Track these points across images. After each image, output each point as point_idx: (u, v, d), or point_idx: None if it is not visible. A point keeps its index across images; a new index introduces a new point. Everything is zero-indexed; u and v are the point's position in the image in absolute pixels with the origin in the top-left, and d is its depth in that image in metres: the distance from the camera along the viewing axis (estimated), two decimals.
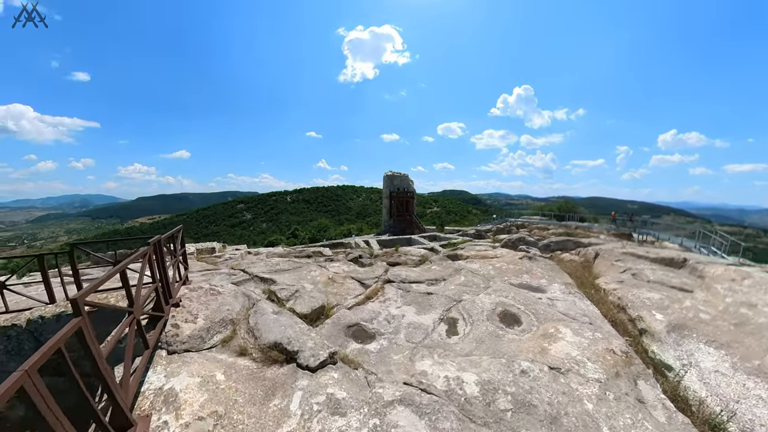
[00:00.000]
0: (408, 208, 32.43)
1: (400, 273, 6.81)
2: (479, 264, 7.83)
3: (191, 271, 7.42)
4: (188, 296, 4.33)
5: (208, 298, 4.36)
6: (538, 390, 3.12)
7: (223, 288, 4.85)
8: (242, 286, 5.85)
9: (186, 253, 5.49)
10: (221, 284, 5.17)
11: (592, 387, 3.43)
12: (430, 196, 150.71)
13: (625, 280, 7.11)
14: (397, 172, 35.25)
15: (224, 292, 4.68)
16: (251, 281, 6.09)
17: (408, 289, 5.97)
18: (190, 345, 3.44)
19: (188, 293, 4.42)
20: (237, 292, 4.89)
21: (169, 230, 5.03)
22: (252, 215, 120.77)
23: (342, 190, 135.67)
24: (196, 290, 4.54)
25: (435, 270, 7.31)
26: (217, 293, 4.61)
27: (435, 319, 4.67)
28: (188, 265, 5.63)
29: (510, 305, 5.43)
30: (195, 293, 4.43)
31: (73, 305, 2.05)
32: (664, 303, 5.61)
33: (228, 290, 4.83)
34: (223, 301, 4.40)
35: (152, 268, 3.48)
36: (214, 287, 4.74)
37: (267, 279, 5.93)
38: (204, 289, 4.60)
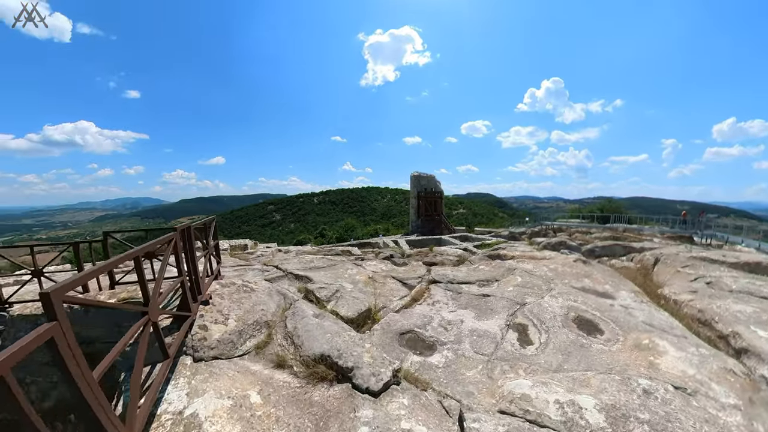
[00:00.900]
0: (436, 208, 31.44)
1: (445, 273, 6.12)
2: (532, 264, 6.93)
3: (223, 266, 7.24)
4: (219, 293, 3.96)
5: (241, 296, 3.96)
6: (676, 417, 2.34)
7: (256, 285, 4.47)
8: (276, 284, 5.48)
9: (219, 246, 5.20)
10: (254, 280, 4.80)
11: (734, 415, 2.59)
12: (456, 198, 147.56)
13: (698, 289, 5.95)
14: (424, 172, 34.38)
15: (258, 289, 4.28)
16: (285, 278, 5.71)
17: (458, 290, 5.27)
18: (219, 351, 3.00)
19: (219, 289, 4.06)
20: (272, 289, 4.48)
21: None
22: (281, 216, 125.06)
23: (367, 191, 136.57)
24: (228, 286, 4.17)
25: (484, 270, 6.53)
26: (250, 290, 4.22)
27: (501, 325, 3.95)
28: (221, 260, 5.34)
29: (583, 311, 4.57)
30: (227, 290, 4.06)
31: (45, 303, 1.39)
32: (762, 317, 4.52)
33: (262, 287, 4.44)
34: (257, 299, 3.98)
35: (178, 260, 3.07)
36: (247, 283, 4.37)
37: (302, 276, 5.51)
38: (236, 285, 4.22)
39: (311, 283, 5.16)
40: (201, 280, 3.61)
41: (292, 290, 5.10)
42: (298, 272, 5.83)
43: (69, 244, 5.08)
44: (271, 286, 4.71)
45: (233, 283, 4.45)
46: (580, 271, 6.61)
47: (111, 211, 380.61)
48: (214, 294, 3.92)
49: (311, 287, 4.86)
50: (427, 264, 9.60)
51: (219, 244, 5.23)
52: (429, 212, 31.05)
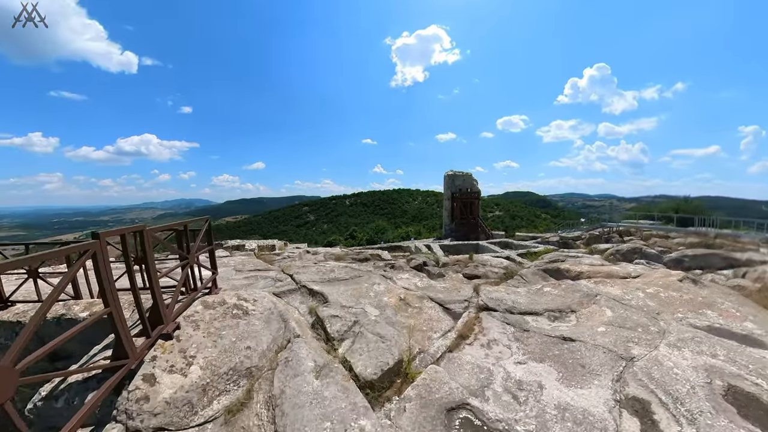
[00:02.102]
0: (472, 211, 29.23)
1: (500, 296, 4.66)
2: (619, 288, 5.17)
3: (239, 271, 6.42)
4: (196, 318, 2.99)
5: (226, 323, 2.96)
6: None
7: (254, 304, 3.46)
8: (285, 299, 4.46)
9: (214, 252, 4.29)
10: (256, 296, 3.82)
11: None
12: (491, 198, 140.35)
13: None
14: (459, 171, 32.30)
15: (254, 311, 3.27)
16: (297, 293, 4.68)
17: (521, 325, 3.80)
18: (167, 418, 1.96)
19: (200, 312, 3.09)
20: (272, 312, 3.44)
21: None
22: (315, 217, 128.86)
23: (398, 193, 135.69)
24: (214, 307, 3.20)
25: (551, 294, 4.94)
26: (243, 314, 3.21)
27: (605, 399, 2.47)
28: (217, 269, 4.41)
29: (734, 374, 2.89)
30: (210, 312, 3.08)
31: None
32: None
33: (261, 309, 3.42)
34: (247, 329, 2.95)
35: (99, 278, 2.08)
36: (241, 303, 3.38)
37: (317, 293, 4.42)
38: (227, 305, 3.25)
39: (325, 305, 4.02)
40: (162, 306, 2.63)
41: (302, 310, 4.02)
42: (314, 286, 4.76)
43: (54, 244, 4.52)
44: (274, 306, 3.67)
45: (224, 302, 3.47)
46: (693, 296, 4.73)
47: (169, 210, 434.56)
48: (187, 321, 2.95)
49: (323, 312, 3.71)
50: (468, 277, 8.11)
51: (214, 250, 4.31)
52: (464, 215, 28.99)
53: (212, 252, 4.25)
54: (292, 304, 4.32)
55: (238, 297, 3.61)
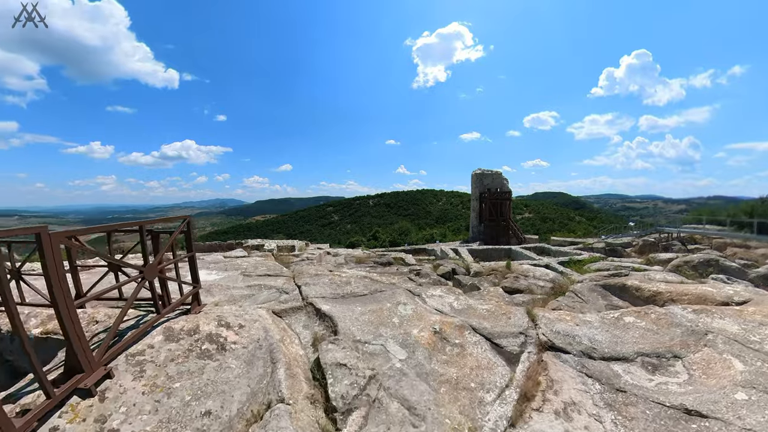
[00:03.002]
0: (502, 212, 27.26)
1: (566, 328, 3.44)
2: (735, 322, 3.74)
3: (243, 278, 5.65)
4: (145, 358, 2.15)
5: (186, 366, 2.10)
6: None
7: (239, 333, 2.60)
8: (286, 320, 3.58)
9: (194, 259, 3.48)
10: (246, 319, 2.97)
11: None
12: (520, 199, 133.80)
13: None
14: (488, 169, 30.37)
15: (234, 347, 2.40)
16: (303, 311, 3.80)
17: (611, 380, 2.62)
18: None
19: (156, 347, 2.25)
20: (260, 345, 2.56)
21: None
22: (339, 217, 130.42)
23: (421, 194, 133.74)
24: (179, 338, 2.35)
25: (636, 326, 3.63)
26: (216, 350, 2.35)
27: None
28: (199, 281, 3.60)
29: None
30: (170, 347, 2.24)
31: None
32: None
33: (245, 340, 2.54)
34: (214, 379, 2.07)
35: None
36: (220, 331, 2.52)
37: (325, 315, 3.50)
38: (198, 335, 2.40)
39: (333, 338, 3.06)
40: (79, 343, 1.78)
41: (304, 339, 3.11)
42: (323, 305, 3.85)
43: None
44: (265, 335, 2.79)
45: (196, 329, 2.63)
46: None
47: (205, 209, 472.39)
48: (131, 362, 2.11)
49: (327, 356, 2.67)
50: (508, 291, 6.85)
51: (194, 259, 3.50)
52: (493, 216, 27.10)
53: (192, 260, 3.46)
54: (293, 328, 3.44)
55: (219, 321, 2.77)
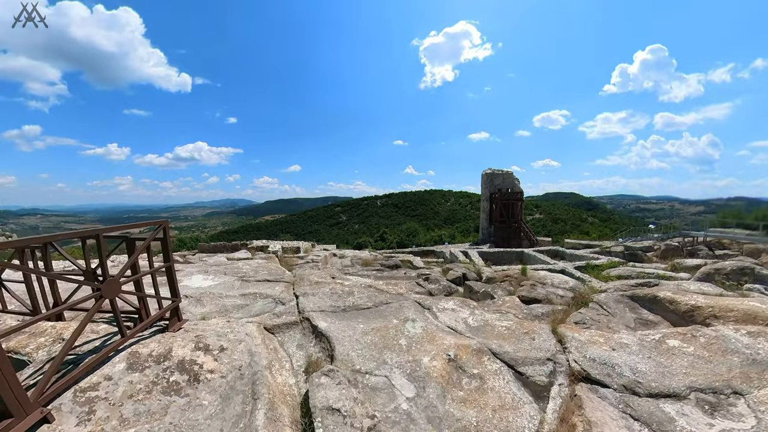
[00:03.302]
0: (514, 213, 26.47)
1: (601, 353, 2.92)
2: None
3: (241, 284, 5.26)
4: (98, 394, 1.76)
5: (147, 405, 1.71)
6: None
7: (219, 358, 2.21)
8: (278, 337, 3.19)
9: (172, 270, 3.10)
10: (230, 339, 2.59)
11: None
12: (530, 200, 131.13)
13: None
14: (498, 169, 29.58)
15: (210, 377, 2.00)
16: (297, 327, 3.39)
17: (662, 426, 2.13)
18: None
19: (116, 378, 1.87)
20: (242, 374, 2.16)
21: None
22: (347, 217, 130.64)
23: (429, 194, 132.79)
24: (145, 367, 1.98)
25: (682, 352, 3.10)
26: (187, 382, 1.96)
27: None
28: (178, 295, 3.22)
29: None
30: (132, 378, 1.87)
31: None
32: None
33: (225, 368, 2.15)
34: (177, 419, 1.68)
35: None
36: (196, 357, 2.15)
37: (322, 334, 3.08)
38: (168, 362, 2.01)
39: (328, 369, 2.59)
40: (6, 382, 1.40)
41: (296, 363, 2.71)
42: (321, 321, 3.44)
43: None
44: (249, 361, 2.38)
45: (168, 354, 2.25)
46: None
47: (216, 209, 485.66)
48: (78, 400, 1.73)
49: (318, 395, 2.16)
50: (524, 300, 6.32)
51: (172, 269, 3.12)
52: (504, 218, 26.34)
53: (170, 271, 3.08)
54: (286, 348, 3.04)
55: (197, 343, 2.39)
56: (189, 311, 4.20)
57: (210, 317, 4.02)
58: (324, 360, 2.72)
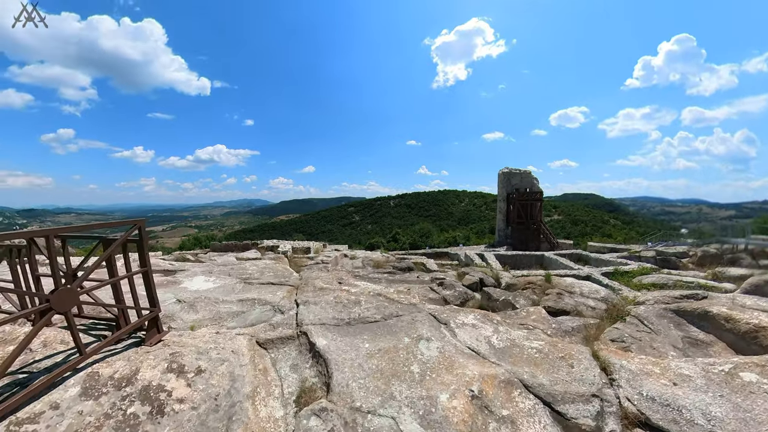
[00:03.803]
0: (532, 214, 25.36)
1: (661, 391, 2.30)
2: None
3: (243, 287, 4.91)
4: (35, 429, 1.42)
5: None
6: None
7: (193, 383, 1.85)
8: (271, 353, 2.80)
9: (150, 276, 2.75)
10: (211, 357, 2.24)
11: None
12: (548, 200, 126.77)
13: None
14: (516, 168, 28.48)
15: (178, 408, 1.64)
16: (293, 343, 2.99)
17: None
18: None
19: (63, 407, 1.52)
20: (217, 405, 1.79)
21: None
22: (360, 217, 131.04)
23: (443, 194, 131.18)
24: (101, 394, 1.62)
25: (762, 388, 2.51)
26: (148, 415, 1.60)
27: None
28: (157, 304, 2.87)
29: None
30: (82, 408, 1.51)
31: None
32: None
33: (198, 396, 1.79)
34: None
35: None
36: (165, 382, 1.79)
37: (319, 354, 2.65)
38: (130, 388, 1.66)
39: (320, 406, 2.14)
40: None
41: (287, 389, 2.30)
42: (319, 337, 3.02)
43: None
44: (229, 386, 2.00)
45: (131, 378, 1.88)
46: None
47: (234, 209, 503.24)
48: None
49: None
50: (551, 312, 5.69)
51: (149, 275, 2.77)
52: (522, 219, 25.29)
53: (147, 277, 2.74)
54: (278, 367, 2.63)
55: (172, 362, 2.03)
56: (180, 318, 3.91)
57: (201, 326, 3.69)
58: (320, 388, 2.30)
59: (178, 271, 8.03)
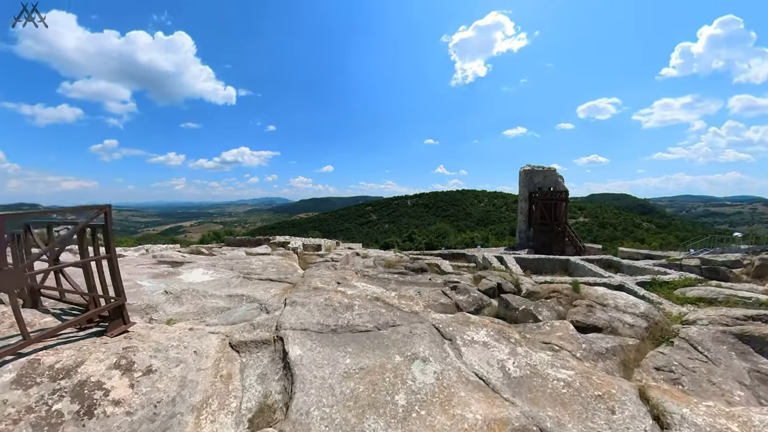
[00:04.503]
0: (557, 215, 23.79)
1: None
2: None
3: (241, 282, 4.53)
4: None
5: None
6: None
7: (140, 381, 1.48)
8: (243, 357, 2.37)
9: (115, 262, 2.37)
10: (169, 356, 1.86)
11: None
12: (573, 201, 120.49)
13: None
14: (539, 165, 26.77)
15: (109, 410, 1.28)
16: (268, 349, 2.52)
17: None
18: None
19: None
20: (153, 414, 1.41)
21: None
22: (377, 216, 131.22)
23: (461, 194, 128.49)
24: (34, 383, 1.30)
25: None
26: (75, 414, 1.25)
27: None
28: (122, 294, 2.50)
29: None
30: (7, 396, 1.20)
31: None
32: None
33: (136, 401, 1.41)
34: None
35: None
36: (108, 378, 1.44)
37: (289, 366, 2.19)
38: (66, 383, 1.33)
39: (275, 429, 1.70)
40: None
41: (250, 399, 1.86)
42: (295, 345, 2.52)
43: None
44: (173, 395, 1.59)
45: (73, 369, 1.53)
46: None
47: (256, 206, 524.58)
48: None
49: None
50: (580, 327, 4.92)
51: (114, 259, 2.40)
52: (546, 220, 23.82)
53: (111, 263, 2.37)
54: (245, 375, 2.19)
55: (121, 358, 1.69)
56: (163, 310, 3.62)
57: (181, 319, 3.36)
58: (280, 408, 1.84)
59: (185, 263, 7.91)
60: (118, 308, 2.60)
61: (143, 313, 3.55)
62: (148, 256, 9.18)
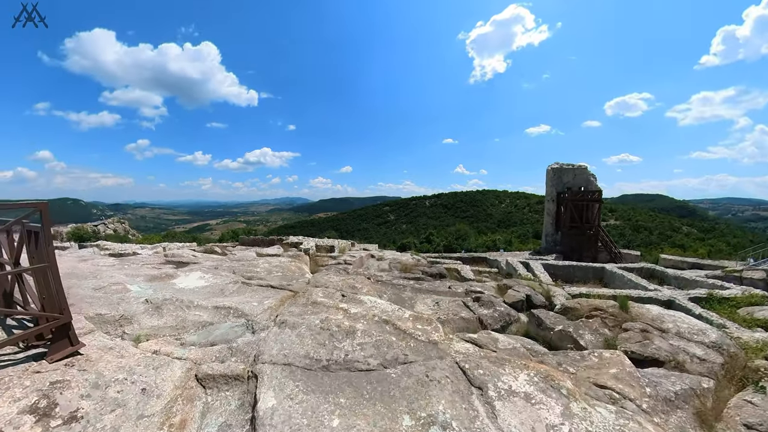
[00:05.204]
0: (588, 218, 21.97)
1: None
2: None
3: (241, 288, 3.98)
4: None
5: None
6: None
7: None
8: (209, 396, 1.81)
9: (53, 271, 1.87)
10: (108, 397, 1.37)
11: None
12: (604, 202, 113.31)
13: None
14: (568, 163, 24.88)
15: None
16: (239, 387, 1.94)
17: None
18: None
19: None
20: None
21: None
22: (395, 217, 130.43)
23: (482, 194, 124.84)
24: None
25: None
26: None
27: None
28: (65, 308, 1.99)
29: None
30: None
31: None
32: None
33: None
34: None
35: None
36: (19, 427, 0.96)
37: (256, 423, 1.60)
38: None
39: None
40: None
41: None
42: (269, 391, 1.91)
43: None
44: None
45: None
46: None
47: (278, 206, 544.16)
48: None
49: None
50: (636, 360, 3.99)
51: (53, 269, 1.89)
52: (576, 223, 22.09)
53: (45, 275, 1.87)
54: (204, 425, 1.62)
55: (42, 398, 1.18)
56: (138, 322, 3.17)
57: (155, 335, 2.89)
58: None
59: (190, 263, 7.62)
60: (64, 327, 2.11)
61: (116, 325, 3.11)
62: (158, 256, 9.04)
